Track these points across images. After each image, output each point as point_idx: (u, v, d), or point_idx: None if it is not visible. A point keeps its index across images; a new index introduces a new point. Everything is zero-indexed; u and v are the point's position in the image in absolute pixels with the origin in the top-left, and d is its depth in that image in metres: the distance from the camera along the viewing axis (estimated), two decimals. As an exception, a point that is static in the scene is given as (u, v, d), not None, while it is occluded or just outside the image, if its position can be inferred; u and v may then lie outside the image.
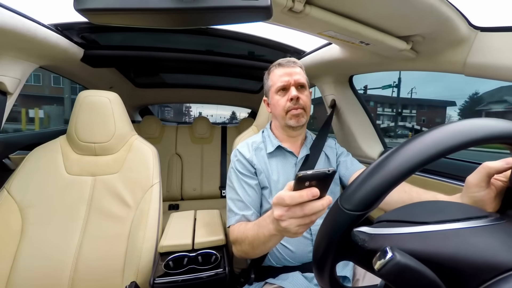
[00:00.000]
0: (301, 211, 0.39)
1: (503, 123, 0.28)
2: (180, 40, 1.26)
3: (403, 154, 0.27)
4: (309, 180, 0.37)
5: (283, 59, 0.82)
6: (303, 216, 0.39)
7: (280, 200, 0.40)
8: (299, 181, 0.37)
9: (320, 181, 0.38)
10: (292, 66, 0.80)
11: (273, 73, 0.82)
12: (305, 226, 0.41)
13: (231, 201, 0.76)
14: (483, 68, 0.65)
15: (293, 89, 0.77)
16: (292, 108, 0.77)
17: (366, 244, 0.29)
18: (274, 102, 0.80)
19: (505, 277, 0.23)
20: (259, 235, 0.58)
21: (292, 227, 0.41)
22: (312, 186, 0.38)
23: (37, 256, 0.75)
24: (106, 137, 0.88)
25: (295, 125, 0.78)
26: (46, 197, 0.81)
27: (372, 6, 0.59)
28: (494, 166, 0.39)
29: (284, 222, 0.41)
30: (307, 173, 0.36)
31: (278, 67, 0.81)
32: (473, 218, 0.29)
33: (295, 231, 0.41)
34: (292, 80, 0.77)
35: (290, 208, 0.40)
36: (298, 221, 0.40)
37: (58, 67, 1.15)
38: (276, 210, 0.42)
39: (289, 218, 0.41)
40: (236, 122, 2.60)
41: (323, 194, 0.39)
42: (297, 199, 0.38)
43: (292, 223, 0.41)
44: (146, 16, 0.38)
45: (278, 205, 0.41)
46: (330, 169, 0.36)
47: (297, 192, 0.38)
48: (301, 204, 0.39)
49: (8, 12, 0.70)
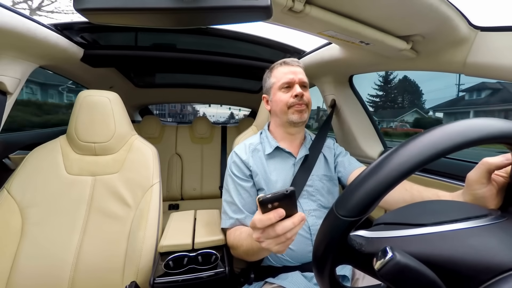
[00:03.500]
0: (273, 232, 0.41)
1: (502, 123, 0.27)
2: (180, 40, 1.26)
3: (398, 158, 0.27)
4: (271, 202, 0.39)
5: (287, 59, 0.84)
6: (277, 236, 0.41)
7: (253, 225, 0.43)
8: (262, 204, 0.39)
9: (283, 201, 0.39)
10: (296, 65, 0.82)
11: (277, 70, 0.83)
12: (284, 244, 0.43)
13: (226, 204, 0.79)
14: (483, 68, 0.65)
15: (297, 86, 0.78)
16: (296, 103, 0.78)
17: (363, 248, 0.30)
18: (277, 98, 0.81)
19: (504, 278, 0.23)
20: (253, 247, 0.61)
21: (271, 247, 0.43)
22: (276, 207, 0.39)
23: (37, 255, 0.75)
24: (106, 137, 0.88)
25: (297, 120, 0.78)
26: (46, 197, 0.81)
27: (372, 6, 0.59)
28: (493, 162, 0.38)
29: (263, 243, 0.44)
30: (266, 196, 0.38)
31: (283, 65, 0.83)
32: (472, 218, 0.29)
33: (276, 250, 0.44)
34: (297, 78, 0.79)
35: (264, 230, 0.42)
36: (275, 241, 0.42)
37: (58, 67, 1.15)
38: (254, 233, 0.44)
39: (266, 239, 0.43)
40: (234, 122, 2.60)
41: (292, 212, 0.41)
42: (265, 222, 0.40)
43: (270, 243, 0.43)
44: (146, 16, 0.38)
45: (253, 228, 0.44)
46: (288, 189, 0.38)
47: (265, 215, 0.40)
48: (273, 225, 0.41)
49: (8, 12, 0.69)
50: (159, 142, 2.03)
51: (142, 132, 1.97)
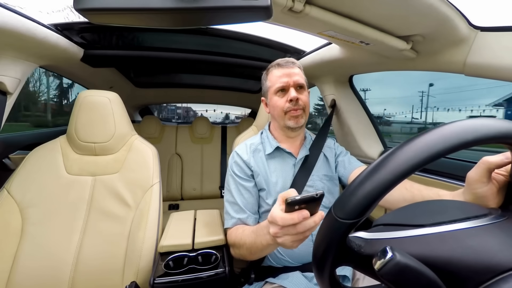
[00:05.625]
0: (294, 230, 0.41)
1: (500, 123, 0.27)
2: (180, 40, 1.26)
3: (396, 159, 0.27)
4: (299, 204, 0.39)
5: (281, 60, 0.81)
6: (297, 233, 0.41)
7: (273, 220, 0.43)
8: (289, 205, 0.39)
9: (310, 203, 0.39)
10: (291, 66, 0.79)
11: (271, 74, 0.81)
12: (300, 241, 0.44)
13: (228, 204, 0.78)
14: (483, 68, 0.65)
15: (292, 90, 0.76)
16: (291, 109, 0.77)
17: (362, 249, 0.30)
18: (273, 103, 0.80)
19: (503, 278, 0.23)
20: (256, 243, 0.60)
21: (287, 243, 0.43)
22: (302, 208, 0.39)
23: (37, 256, 0.75)
24: (106, 137, 0.88)
25: (294, 126, 0.78)
26: (46, 197, 0.81)
27: (372, 6, 0.59)
28: (493, 161, 0.38)
29: (279, 239, 0.44)
30: (295, 198, 0.38)
31: (277, 67, 0.80)
32: (471, 218, 0.29)
33: (290, 246, 0.44)
34: (291, 81, 0.77)
35: (283, 227, 0.42)
36: (292, 238, 0.43)
37: (58, 67, 1.15)
38: (271, 228, 0.44)
39: (284, 235, 0.43)
40: (228, 122, 2.60)
41: (314, 212, 0.41)
42: (288, 221, 0.40)
43: (287, 239, 0.43)
44: (146, 16, 0.38)
45: (272, 223, 0.44)
46: (318, 193, 0.38)
47: (289, 214, 0.40)
48: (294, 224, 0.41)
49: (7, 12, 0.69)
50: (159, 142, 2.03)
51: (142, 132, 1.97)
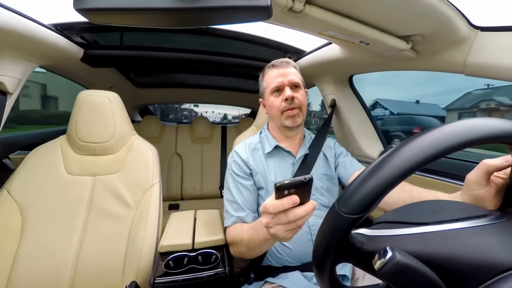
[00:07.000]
0: (285, 218, 0.41)
1: (502, 123, 0.27)
2: (180, 40, 1.26)
3: (400, 156, 0.27)
4: (288, 189, 0.39)
5: (276, 60, 0.83)
6: (288, 222, 0.41)
7: (264, 209, 0.43)
8: (278, 190, 0.39)
9: (299, 188, 0.39)
10: (285, 66, 0.80)
11: (267, 75, 0.83)
12: (292, 231, 0.43)
13: (227, 202, 0.79)
14: (483, 68, 0.65)
15: (287, 89, 0.77)
16: (287, 108, 0.77)
17: (365, 246, 0.30)
18: (270, 103, 0.81)
19: (504, 277, 0.23)
20: (254, 239, 0.60)
21: (280, 233, 0.43)
22: (291, 194, 0.39)
23: (38, 256, 0.75)
24: (106, 137, 0.88)
25: (291, 125, 0.78)
26: (46, 197, 0.81)
27: (372, 6, 0.59)
28: (493, 164, 0.38)
29: (271, 229, 0.44)
30: (284, 182, 0.38)
31: (271, 68, 0.82)
32: (472, 218, 0.29)
33: (283, 236, 0.44)
34: (286, 80, 0.78)
35: (275, 215, 0.42)
36: (285, 227, 0.42)
37: (58, 67, 1.15)
38: (264, 218, 0.45)
39: (275, 225, 0.43)
40: (226, 122, 2.59)
41: (305, 199, 0.41)
42: (278, 207, 0.40)
43: (279, 229, 0.43)
44: (146, 16, 0.38)
45: (264, 213, 0.44)
46: (306, 177, 0.38)
47: (279, 200, 0.40)
48: (285, 211, 0.41)
49: (7, 12, 0.69)
50: (159, 142, 2.03)
51: (142, 132, 1.97)
